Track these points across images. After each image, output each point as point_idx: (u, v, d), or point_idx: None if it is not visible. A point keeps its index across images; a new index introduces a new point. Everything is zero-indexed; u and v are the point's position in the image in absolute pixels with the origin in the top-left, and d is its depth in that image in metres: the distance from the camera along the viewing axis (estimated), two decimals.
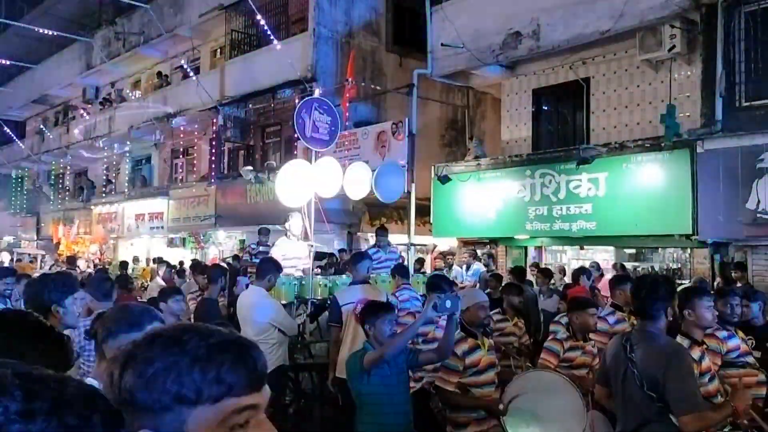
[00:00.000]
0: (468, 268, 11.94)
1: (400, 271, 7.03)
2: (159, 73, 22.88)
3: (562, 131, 13.60)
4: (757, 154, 9.37)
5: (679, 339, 3.78)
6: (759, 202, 9.31)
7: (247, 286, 8.94)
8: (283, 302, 6.92)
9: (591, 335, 5.21)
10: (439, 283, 5.34)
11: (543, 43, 12.06)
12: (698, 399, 3.22)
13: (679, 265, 11.66)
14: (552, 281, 10.71)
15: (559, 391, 4.14)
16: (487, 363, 4.38)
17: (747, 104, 9.98)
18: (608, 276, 10.01)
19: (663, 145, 10.24)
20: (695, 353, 3.71)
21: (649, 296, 3.46)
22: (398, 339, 4.05)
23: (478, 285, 10.99)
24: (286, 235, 8.46)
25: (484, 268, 12.11)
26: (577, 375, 4.70)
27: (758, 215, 9.31)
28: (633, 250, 12.67)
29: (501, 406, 4.12)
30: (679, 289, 4.24)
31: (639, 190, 10.50)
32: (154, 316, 2.39)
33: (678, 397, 3.16)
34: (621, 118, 12.24)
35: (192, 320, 7.10)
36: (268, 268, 6.10)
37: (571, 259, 13.67)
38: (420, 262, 12.69)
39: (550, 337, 5.12)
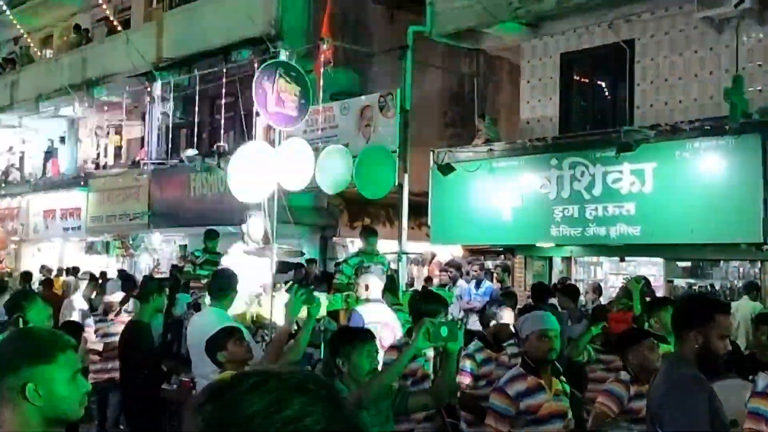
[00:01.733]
0: (478, 284, 11.97)
1: (389, 287, 7.04)
2: (77, 27, 22.73)
3: (599, 108, 13.62)
4: None
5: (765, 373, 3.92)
6: None
7: (189, 305, 8.94)
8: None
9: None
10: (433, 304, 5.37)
11: None
12: None
13: (747, 283, 11.76)
14: (582, 302, 10.76)
15: None
16: (551, 411, 4.37)
17: None
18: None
19: (727, 127, 10.30)
20: None
21: (677, 315, 3.72)
22: (381, 377, 4.03)
23: (487, 306, 11.03)
24: (242, 240, 8.47)
25: (497, 285, 12.14)
26: None
27: None
28: (687, 263, 12.74)
29: None
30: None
31: (696, 186, 10.55)
32: (67, 343, 2.38)
33: None
34: (674, 93, 12.31)
35: (118, 350, 7.09)
36: (227, 283, 6.04)
37: (608, 273, 13.72)
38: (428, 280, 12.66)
39: (611, 378, 5.20)
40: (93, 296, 11.25)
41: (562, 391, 4.57)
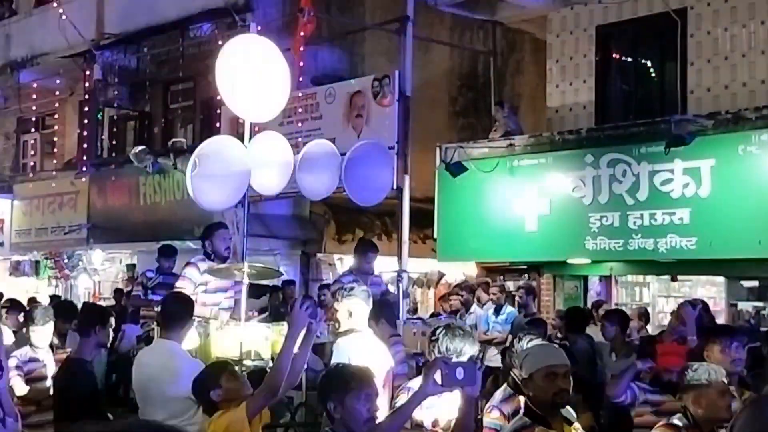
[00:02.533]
0: (498, 310, 11.95)
1: (386, 313, 7.01)
2: None
3: (644, 94, 13.65)
4: None
5: None
6: None
7: (140, 339, 8.91)
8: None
9: None
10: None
11: None
12: None
13: None
14: (627, 332, 10.76)
15: None
16: None
17: None
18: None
19: None
20: None
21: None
22: (382, 427, 4.05)
23: (510, 337, 11.04)
24: (206, 253, 8.45)
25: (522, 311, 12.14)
26: None
27: None
28: (754, 283, 12.76)
29: None
30: None
31: (763, 188, 10.57)
32: None
33: None
34: (736, 74, 12.34)
35: (51, 392, 7.06)
36: (181, 311, 6.10)
37: (657, 295, 13.73)
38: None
39: (660, 424, 5.17)
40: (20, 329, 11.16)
41: None
